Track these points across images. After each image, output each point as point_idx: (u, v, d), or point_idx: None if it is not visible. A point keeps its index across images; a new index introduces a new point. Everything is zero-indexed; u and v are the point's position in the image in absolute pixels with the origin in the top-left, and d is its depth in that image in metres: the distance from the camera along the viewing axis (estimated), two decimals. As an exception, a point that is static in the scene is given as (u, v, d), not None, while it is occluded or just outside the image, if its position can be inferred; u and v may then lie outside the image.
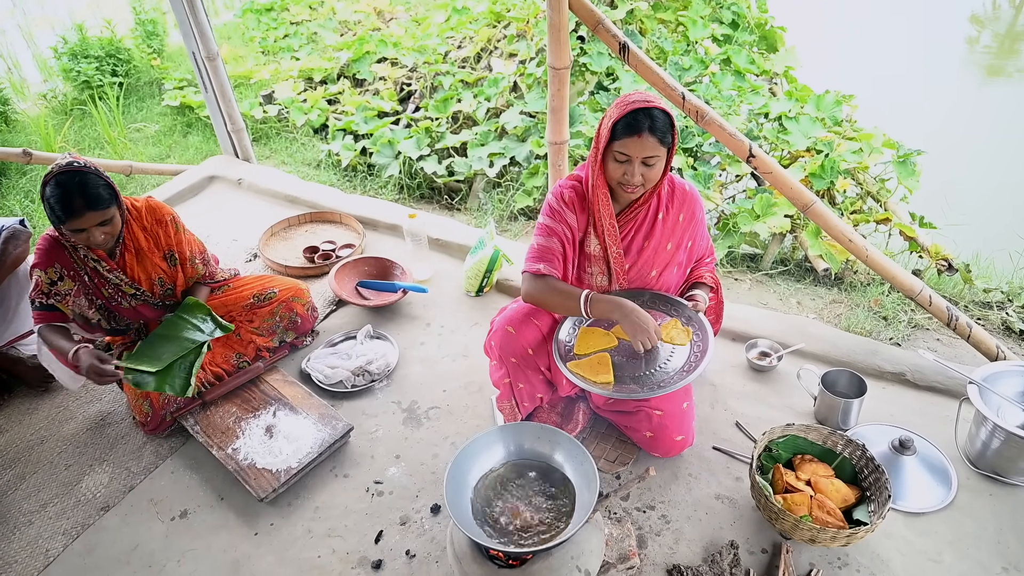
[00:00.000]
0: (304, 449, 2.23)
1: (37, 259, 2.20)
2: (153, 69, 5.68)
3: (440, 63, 4.89)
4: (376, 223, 3.42)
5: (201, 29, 3.51)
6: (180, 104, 5.14)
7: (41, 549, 2.09)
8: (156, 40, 5.96)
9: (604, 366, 1.89)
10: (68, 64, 5.21)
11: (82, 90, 5.23)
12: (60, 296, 2.22)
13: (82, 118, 5.07)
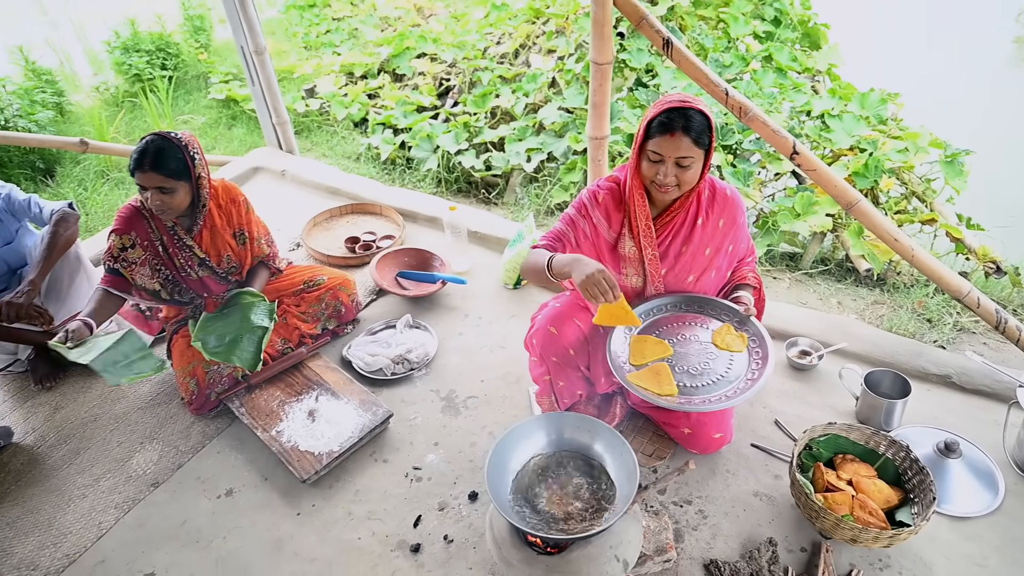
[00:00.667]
0: (345, 433, 2.28)
1: (116, 224, 2.35)
2: (200, 63, 5.82)
3: (479, 59, 4.92)
4: (416, 215, 3.47)
5: (250, 24, 3.60)
6: (226, 97, 5.25)
7: (95, 521, 2.17)
8: (203, 35, 6.10)
9: (665, 376, 1.87)
10: (120, 58, 5.36)
11: (133, 83, 5.38)
12: (126, 263, 2.34)
13: (132, 110, 5.22)
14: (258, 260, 2.63)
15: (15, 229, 2.65)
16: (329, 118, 5.01)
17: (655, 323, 2.02)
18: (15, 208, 2.60)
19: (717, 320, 2.00)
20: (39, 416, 2.58)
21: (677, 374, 1.88)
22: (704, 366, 1.90)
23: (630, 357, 1.95)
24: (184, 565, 2.02)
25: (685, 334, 1.98)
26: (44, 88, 4.99)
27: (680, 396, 1.83)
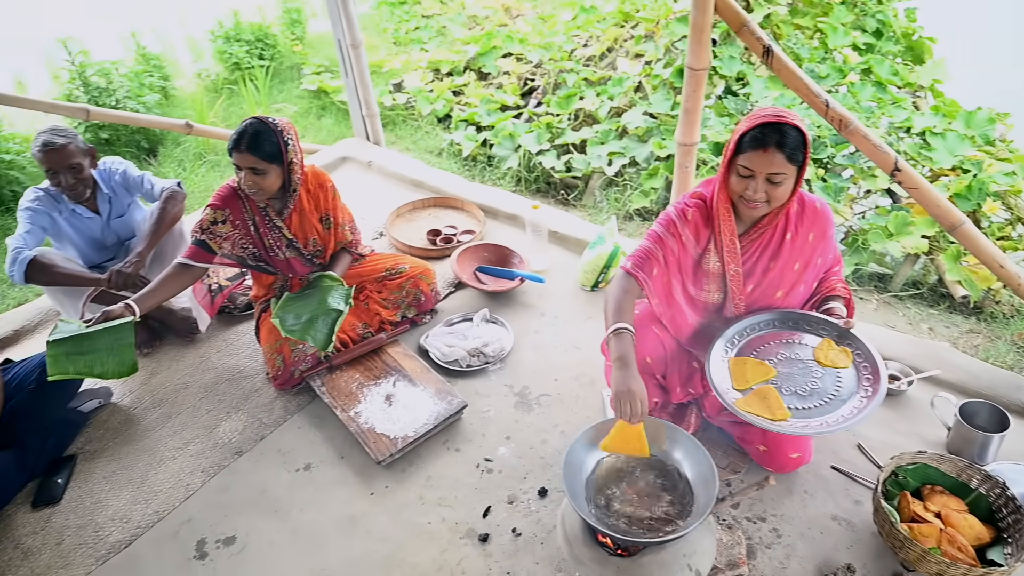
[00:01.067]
0: (421, 420, 2.33)
1: (213, 200, 2.47)
2: (295, 54, 6.04)
3: (565, 60, 4.94)
4: (496, 212, 3.51)
5: (349, 18, 3.72)
6: (317, 88, 5.44)
7: (183, 483, 2.29)
8: (299, 27, 6.34)
9: (774, 400, 1.80)
10: (222, 47, 5.63)
11: (232, 71, 5.64)
12: (213, 235, 2.46)
13: (231, 96, 5.47)
14: (341, 245, 2.72)
15: (127, 203, 2.83)
16: (414, 113, 5.12)
17: (749, 343, 1.97)
18: (130, 183, 2.77)
19: (814, 335, 1.94)
20: (136, 379, 2.73)
21: (785, 396, 1.81)
22: (812, 386, 1.83)
23: (732, 382, 1.88)
24: (263, 532, 2.11)
25: (784, 353, 1.92)
26: (152, 72, 5.28)
27: (795, 420, 1.76)
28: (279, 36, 6.09)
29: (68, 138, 2.55)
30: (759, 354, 1.94)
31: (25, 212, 2.61)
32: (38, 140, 2.52)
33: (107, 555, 2.08)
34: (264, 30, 5.89)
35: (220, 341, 2.89)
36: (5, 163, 4.32)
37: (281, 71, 5.81)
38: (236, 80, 5.58)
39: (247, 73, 5.48)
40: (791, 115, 1.76)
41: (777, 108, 1.79)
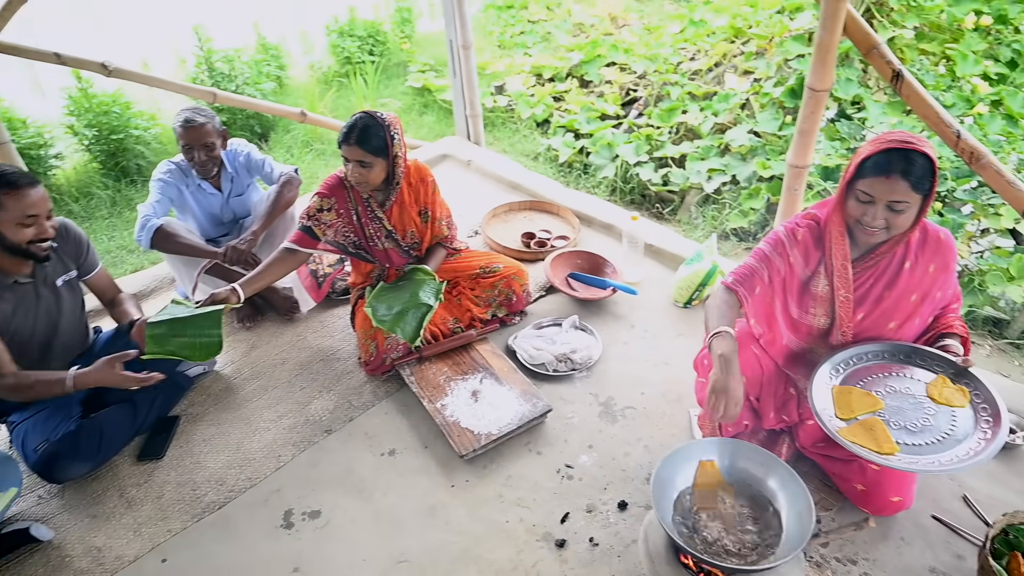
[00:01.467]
0: (505, 419, 2.35)
1: (321, 188, 2.58)
2: (402, 52, 6.22)
3: (670, 73, 4.88)
4: (591, 220, 3.50)
5: (463, 20, 3.80)
6: (422, 86, 5.58)
7: (275, 454, 2.39)
8: (408, 26, 6.51)
9: (881, 432, 1.72)
10: (336, 41, 5.86)
11: (343, 64, 5.86)
12: (319, 222, 2.56)
13: (340, 89, 5.68)
14: (437, 239, 2.78)
15: (247, 184, 2.98)
16: (513, 116, 5.17)
17: (855, 373, 1.88)
18: (252, 165, 2.93)
19: (928, 371, 1.85)
20: (237, 351, 2.88)
21: (893, 430, 1.72)
22: (924, 422, 1.73)
23: (836, 410, 1.81)
24: (346, 510, 2.18)
25: (893, 386, 1.83)
26: (269, 61, 5.55)
27: (904, 456, 1.67)
28: (389, 34, 6.28)
29: (207, 118, 2.71)
30: (865, 385, 1.86)
31: (157, 183, 2.79)
32: (180, 117, 2.70)
33: (202, 513, 2.20)
34: (376, 27, 6.09)
35: (316, 322, 3.00)
36: (133, 138, 4.63)
37: (388, 67, 5.98)
38: (346, 73, 5.80)
39: (357, 67, 5.68)
40: (920, 141, 1.68)
41: (905, 133, 1.71)
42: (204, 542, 2.11)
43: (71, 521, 2.21)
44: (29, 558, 2.10)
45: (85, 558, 2.10)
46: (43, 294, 2.29)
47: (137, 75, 3.27)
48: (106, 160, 4.64)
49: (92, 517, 2.22)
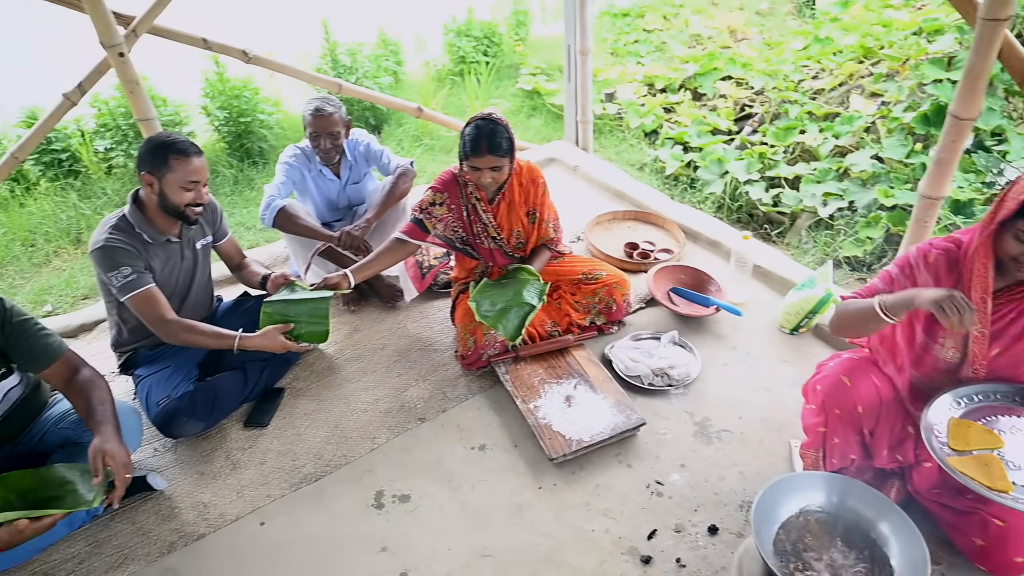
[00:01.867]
0: (597, 427, 2.34)
1: (435, 183, 2.64)
2: (515, 54, 6.30)
3: (790, 90, 4.72)
4: (697, 235, 3.43)
5: (583, 25, 3.81)
6: (532, 89, 5.63)
7: (370, 435, 2.47)
8: (523, 29, 6.59)
9: (996, 469, 1.63)
10: (453, 40, 6.00)
11: (457, 63, 6.00)
12: (430, 216, 2.62)
13: (452, 87, 5.81)
14: (542, 241, 2.79)
15: (364, 173, 3.10)
16: (622, 124, 5.14)
17: (979, 410, 1.77)
18: (370, 155, 3.04)
19: None
20: (341, 332, 2.99)
21: (1011, 471, 1.62)
22: None
23: (949, 440, 1.72)
24: (435, 497, 2.22)
25: (1019, 427, 1.72)
26: (388, 57, 5.74)
27: (1020, 496, 1.58)
28: (504, 35, 6.37)
29: (335, 108, 2.84)
30: (988, 424, 1.75)
31: (283, 166, 2.94)
32: (311, 105, 2.83)
33: (300, 483, 2.30)
34: (492, 28, 6.19)
35: (416, 312, 3.08)
36: (259, 122, 4.91)
37: (501, 68, 6.07)
38: (460, 72, 5.93)
39: (471, 67, 5.79)
40: None
41: None
42: (300, 511, 2.21)
43: (181, 475, 2.37)
44: (143, 504, 2.26)
45: (191, 512, 2.23)
46: (186, 254, 2.48)
47: (273, 63, 3.46)
48: (232, 141, 4.93)
49: (200, 474, 2.36)
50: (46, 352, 2.05)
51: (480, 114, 2.44)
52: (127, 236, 2.29)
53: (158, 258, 2.38)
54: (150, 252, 2.35)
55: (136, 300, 2.29)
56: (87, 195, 4.64)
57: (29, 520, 1.80)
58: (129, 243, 2.28)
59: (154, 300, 2.31)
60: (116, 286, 2.27)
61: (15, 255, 4.21)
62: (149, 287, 2.30)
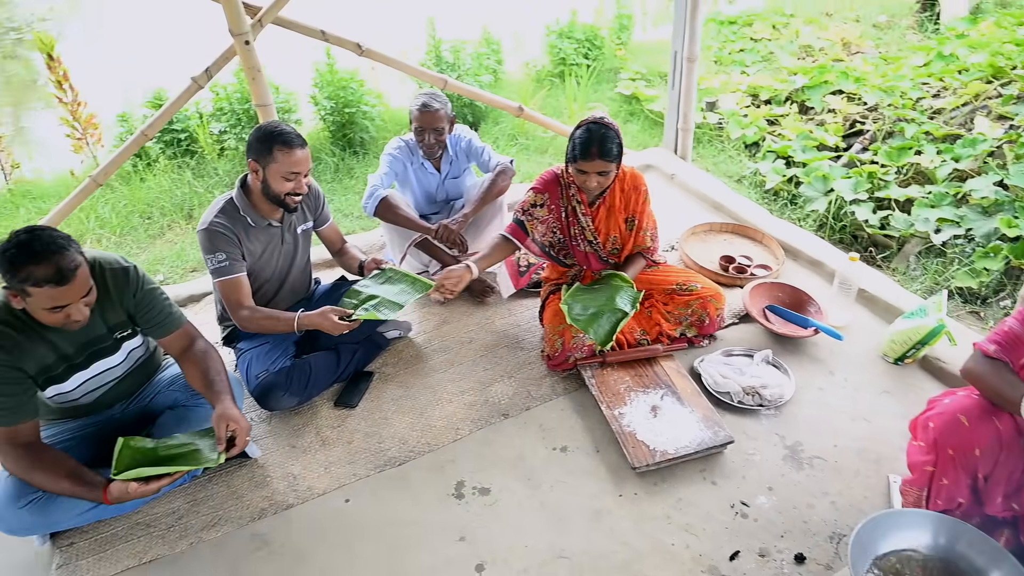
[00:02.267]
0: (683, 440, 2.29)
1: (536, 183, 2.67)
2: (616, 58, 6.25)
3: (907, 108, 4.48)
4: (798, 253, 3.31)
5: (693, 32, 3.74)
6: (631, 94, 5.58)
7: (453, 426, 2.51)
8: (625, 33, 6.53)
9: None
10: (554, 42, 6.01)
11: (557, 65, 6.01)
12: (531, 217, 2.64)
13: (551, 88, 5.83)
14: (639, 249, 2.76)
15: (463, 168, 3.16)
16: (722, 134, 5.02)
17: None
18: (471, 152, 3.09)
19: None
20: (431, 323, 3.06)
21: None
22: None
23: None
24: (514, 494, 2.24)
25: None
26: (490, 55, 5.82)
27: None
28: (606, 39, 6.33)
29: (441, 104, 2.90)
30: None
31: (387, 157, 3.03)
32: (419, 100, 2.91)
33: (384, 466, 2.36)
34: (594, 31, 6.17)
35: (505, 309, 3.11)
36: (362, 113, 5.07)
37: (601, 72, 6.04)
38: (559, 74, 5.94)
39: (571, 69, 5.79)
40: None
41: None
42: (383, 492, 2.27)
43: (274, 446, 2.47)
44: (238, 470, 2.38)
45: (282, 481, 2.33)
46: (286, 238, 2.59)
47: (384, 57, 3.56)
48: (336, 131, 5.11)
49: (291, 447, 2.46)
50: (169, 321, 2.19)
51: (591, 117, 2.43)
52: (230, 220, 2.41)
53: (259, 241, 2.49)
54: (251, 236, 2.46)
55: (223, 284, 2.42)
56: (200, 174, 4.92)
57: (139, 483, 1.93)
58: (231, 228, 2.40)
59: (239, 288, 2.44)
60: (210, 268, 2.41)
61: (133, 226, 4.51)
62: (238, 276, 2.43)
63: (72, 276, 1.81)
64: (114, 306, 2.10)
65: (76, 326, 1.93)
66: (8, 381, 1.91)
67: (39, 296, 1.80)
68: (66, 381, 2.07)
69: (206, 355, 2.22)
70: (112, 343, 2.15)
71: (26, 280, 1.77)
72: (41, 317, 1.87)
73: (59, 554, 2.13)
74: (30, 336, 1.94)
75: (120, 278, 2.09)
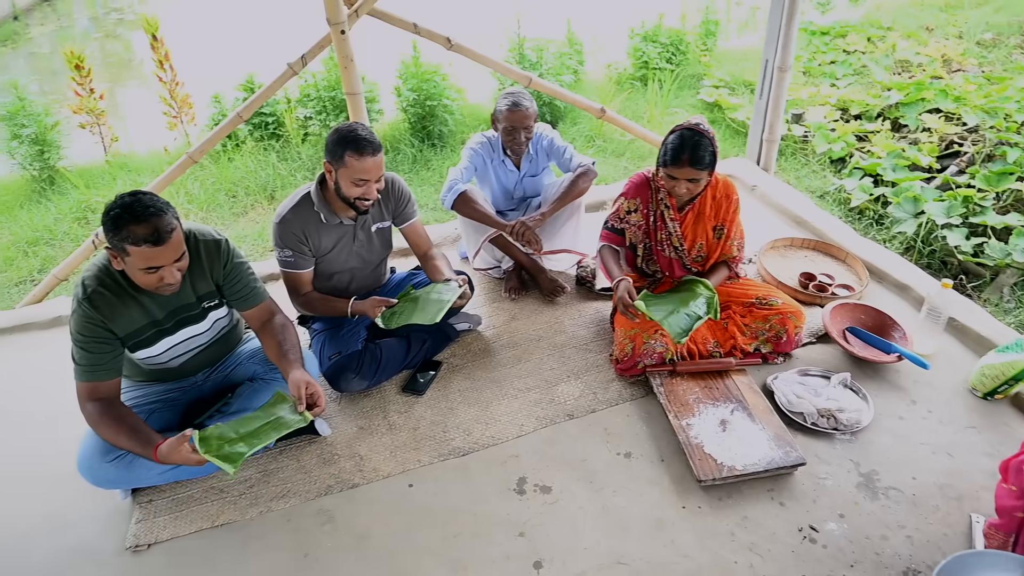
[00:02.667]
0: (752, 458, 2.24)
1: (625, 190, 2.66)
2: (700, 64, 6.15)
3: (1011, 131, 4.25)
4: (884, 275, 3.18)
5: (788, 41, 3.64)
6: (714, 101, 5.47)
7: (518, 422, 2.52)
8: (711, 39, 6.42)
9: None
10: (638, 45, 5.95)
11: (639, 68, 5.95)
12: (628, 224, 2.64)
13: (632, 92, 5.78)
14: (724, 259, 2.72)
15: (542, 167, 3.16)
16: (807, 148, 4.87)
17: None
18: (552, 151, 3.09)
19: None
20: (500, 318, 3.08)
21: None
22: None
23: None
24: (575, 495, 2.23)
25: None
26: (572, 56, 5.81)
27: None
28: (691, 44, 6.23)
29: (530, 103, 2.91)
30: None
31: (469, 151, 3.06)
32: (507, 99, 2.92)
33: (448, 455, 2.40)
34: (680, 36, 6.08)
35: (575, 310, 3.10)
36: (443, 106, 5.14)
37: (683, 77, 5.95)
38: (641, 77, 5.88)
39: (654, 73, 5.72)
40: None
41: None
42: (446, 481, 2.30)
43: (343, 426, 2.54)
44: (308, 446, 2.45)
45: (349, 461, 2.39)
46: (359, 236, 2.63)
47: (473, 52, 3.60)
48: (415, 122, 5.20)
49: (360, 428, 2.52)
50: (253, 295, 2.29)
51: (687, 123, 2.40)
52: (303, 216, 2.48)
53: (330, 237, 2.56)
54: (322, 231, 2.53)
55: (286, 277, 2.56)
56: (284, 157, 5.09)
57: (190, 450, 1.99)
58: (302, 225, 2.48)
59: (299, 280, 2.57)
60: (277, 259, 2.52)
61: (219, 203, 4.70)
62: (301, 272, 2.54)
63: (168, 238, 1.91)
64: (204, 276, 2.20)
65: (169, 290, 2.03)
66: (97, 339, 2.03)
67: (136, 256, 1.90)
68: (154, 346, 2.18)
69: (284, 328, 2.32)
70: (200, 311, 2.25)
71: (126, 239, 1.87)
72: (137, 278, 1.98)
73: (138, 509, 2.25)
74: (124, 299, 2.06)
75: (212, 249, 2.19)
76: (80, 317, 2.01)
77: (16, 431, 2.63)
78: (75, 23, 11.45)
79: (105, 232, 1.91)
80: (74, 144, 5.32)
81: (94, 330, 2.02)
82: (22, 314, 3.33)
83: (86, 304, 2.00)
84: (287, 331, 2.31)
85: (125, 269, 1.97)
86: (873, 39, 6.39)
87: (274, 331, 2.30)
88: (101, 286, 2.02)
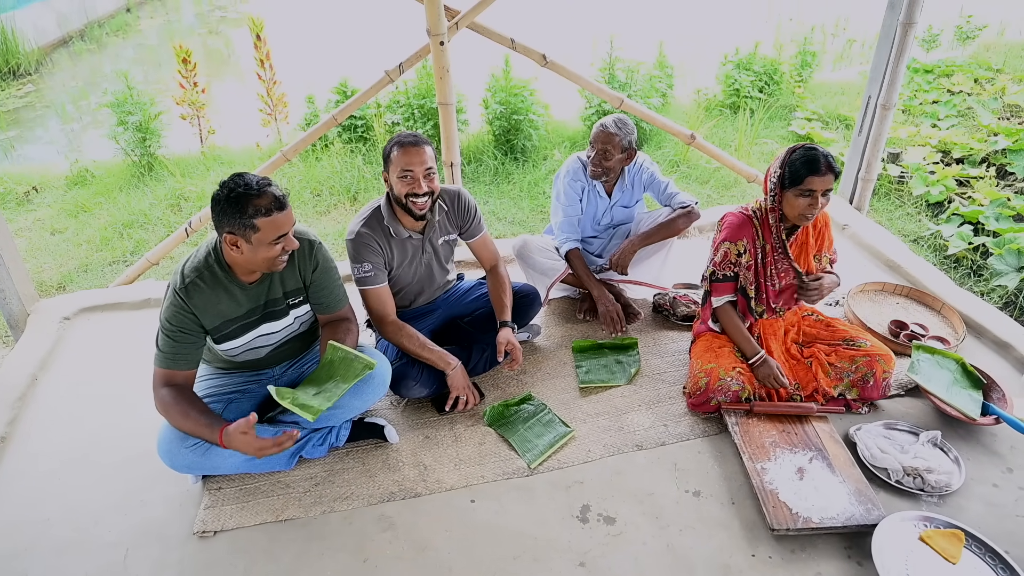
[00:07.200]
0: (830, 511, 2.13)
1: (728, 234, 2.54)
2: (793, 95, 5.99)
3: None
4: (982, 331, 2.99)
5: (895, 78, 3.50)
6: (805, 134, 5.31)
7: (585, 447, 2.48)
8: (807, 70, 6.24)
9: None
10: (730, 72, 5.84)
11: (730, 96, 5.83)
12: (740, 267, 2.56)
13: (720, 119, 5.67)
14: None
15: (636, 199, 3.12)
16: (903, 189, 4.66)
17: None
18: (651, 184, 3.04)
19: None
20: (565, 335, 3.05)
21: None
22: None
23: None
24: (639, 529, 2.17)
25: None
26: (663, 79, 5.75)
27: None
28: (785, 75, 6.08)
29: (619, 130, 2.85)
30: None
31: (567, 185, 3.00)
32: (602, 122, 2.89)
33: (511, 474, 2.38)
34: (774, 65, 5.94)
35: (650, 339, 3.03)
36: (529, 121, 5.17)
37: (774, 108, 5.81)
38: (731, 105, 5.76)
39: (745, 102, 5.60)
40: None
41: None
42: (508, 501, 2.28)
43: (408, 433, 2.55)
44: (373, 450, 2.48)
45: (413, 469, 2.40)
46: (426, 248, 2.65)
47: (567, 70, 3.60)
48: (500, 135, 5.25)
49: (426, 438, 2.53)
50: (335, 301, 2.36)
51: (799, 144, 2.40)
52: (375, 230, 2.51)
53: (400, 251, 2.58)
54: (392, 245, 2.56)
55: (368, 294, 2.54)
56: (370, 160, 5.21)
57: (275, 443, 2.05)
58: (375, 239, 2.50)
59: (382, 299, 2.55)
60: (355, 276, 2.52)
61: (304, 201, 4.85)
62: (381, 286, 2.53)
63: (287, 201, 2.03)
64: (294, 273, 2.26)
65: (281, 265, 2.12)
66: (184, 330, 2.11)
67: (267, 227, 1.99)
68: (239, 338, 2.25)
69: (347, 333, 2.37)
70: (284, 307, 2.31)
71: (255, 214, 1.96)
72: (261, 255, 2.05)
73: (208, 495, 2.31)
74: (218, 292, 2.13)
75: (306, 248, 2.25)
76: (173, 306, 2.09)
77: (98, 410, 2.75)
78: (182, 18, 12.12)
79: (225, 218, 1.98)
80: (173, 134, 5.61)
81: (183, 321, 2.10)
82: (114, 293, 3.50)
83: (183, 293, 2.08)
84: (348, 332, 2.38)
85: (247, 253, 2.05)
86: (980, 80, 6.09)
87: (337, 330, 2.37)
88: (199, 278, 2.10)
